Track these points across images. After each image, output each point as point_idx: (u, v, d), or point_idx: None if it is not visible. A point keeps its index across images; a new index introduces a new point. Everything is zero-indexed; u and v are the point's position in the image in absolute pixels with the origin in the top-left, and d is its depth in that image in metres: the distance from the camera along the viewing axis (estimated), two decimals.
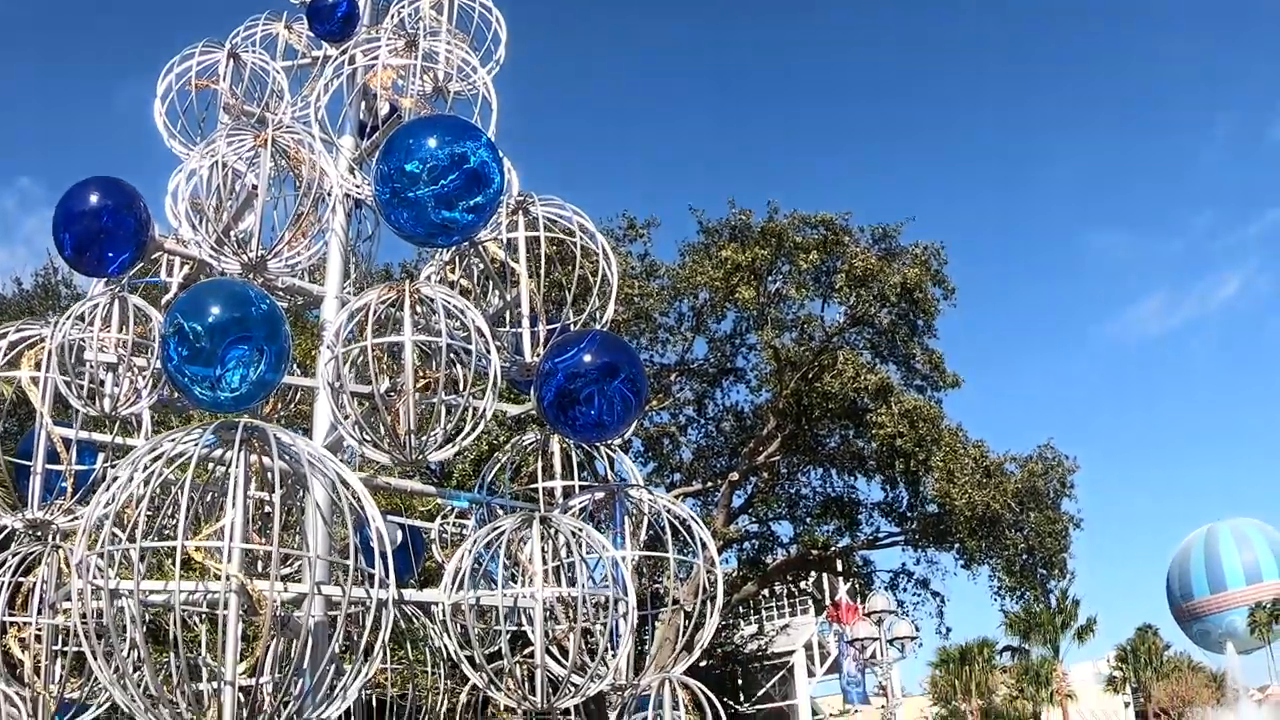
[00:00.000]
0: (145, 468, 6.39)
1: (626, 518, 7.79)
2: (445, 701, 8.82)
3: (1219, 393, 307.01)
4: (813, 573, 44.03)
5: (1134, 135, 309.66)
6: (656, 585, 7.67)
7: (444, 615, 6.67)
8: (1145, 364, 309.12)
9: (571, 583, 6.50)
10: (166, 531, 7.14)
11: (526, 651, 6.82)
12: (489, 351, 7.24)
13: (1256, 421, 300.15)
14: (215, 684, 6.36)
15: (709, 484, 34.37)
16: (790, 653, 62.27)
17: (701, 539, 7.06)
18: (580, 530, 6.52)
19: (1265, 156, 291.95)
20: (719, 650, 47.80)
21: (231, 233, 8.86)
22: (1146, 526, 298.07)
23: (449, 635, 6.67)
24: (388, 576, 6.33)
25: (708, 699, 6.68)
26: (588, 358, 7.57)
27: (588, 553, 6.53)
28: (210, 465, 6.96)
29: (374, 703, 8.99)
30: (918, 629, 32.93)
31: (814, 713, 73.01)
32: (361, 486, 6.48)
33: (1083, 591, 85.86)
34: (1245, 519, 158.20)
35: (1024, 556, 32.04)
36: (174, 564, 6.04)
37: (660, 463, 34.65)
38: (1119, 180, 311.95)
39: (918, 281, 30.55)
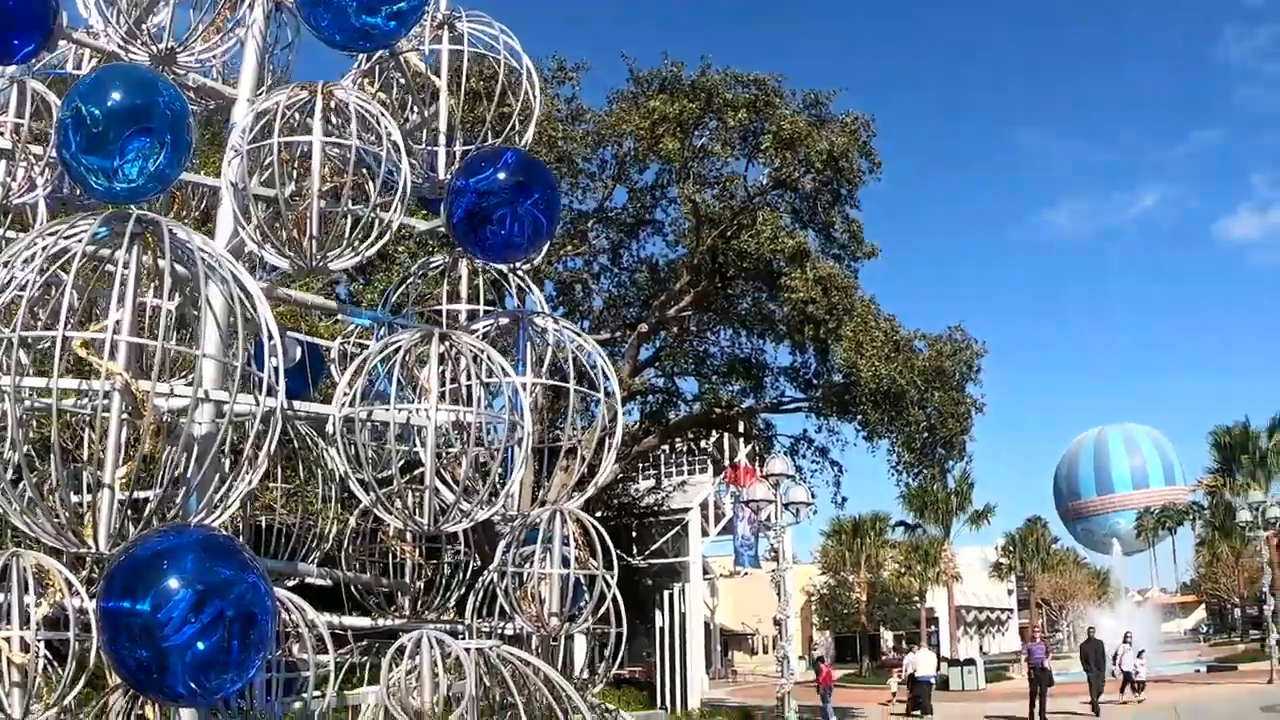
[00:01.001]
0: (29, 258, 6.06)
1: (530, 347, 7.60)
2: (335, 525, 8.65)
3: (1126, 302, 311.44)
4: (714, 432, 44.18)
5: (1075, 42, 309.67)
6: (557, 431, 7.49)
7: (335, 431, 6.44)
8: (1058, 265, 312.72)
9: (469, 404, 6.32)
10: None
11: (416, 473, 6.65)
12: (400, 161, 6.94)
13: (1158, 334, 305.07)
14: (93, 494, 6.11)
15: (618, 334, 34.21)
16: (686, 510, 62.65)
17: (604, 369, 6.87)
18: (482, 351, 6.31)
19: (1203, 78, 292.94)
20: (615, 501, 48.07)
21: (143, 25, 8.44)
22: (1040, 423, 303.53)
23: (339, 453, 6.46)
24: (278, 383, 6.09)
25: (598, 533, 6.52)
26: (501, 176, 7.31)
27: (488, 376, 6.34)
28: (100, 263, 6.63)
29: (264, 528, 8.78)
30: (814, 496, 33.21)
31: (705, 572, 73.84)
32: (257, 289, 6.21)
33: (978, 477, 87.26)
34: (1136, 425, 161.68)
35: (925, 435, 32.22)
36: (56, 362, 5.71)
37: (571, 309, 34.43)
38: (1055, 83, 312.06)
39: (845, 150, 30.25)
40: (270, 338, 6.02)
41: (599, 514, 45.33)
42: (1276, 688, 34.89)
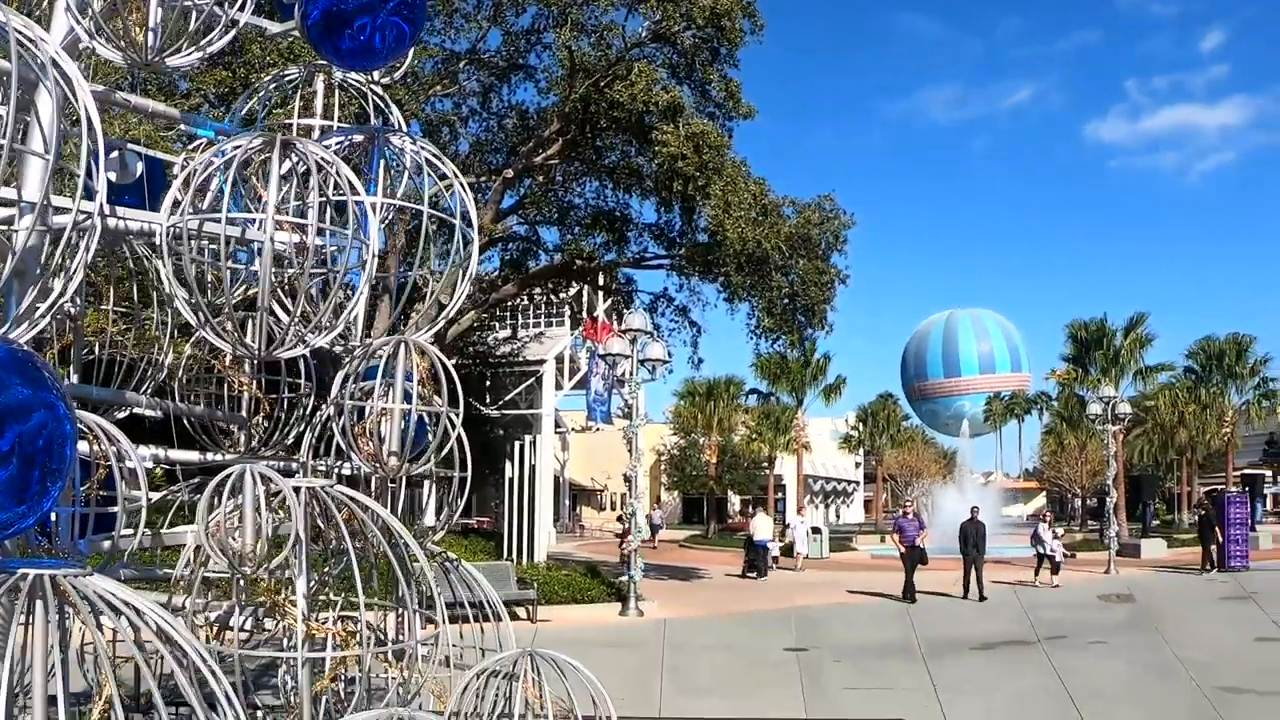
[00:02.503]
0: None
1: (384, 167, 7.03)
2: (170, 354, 8.05)
3: (989, 191, 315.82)
4: (574, 284, 43.85)
5: None
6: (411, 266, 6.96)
7: (162, 244, 5.85)
8: (925, 149, 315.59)
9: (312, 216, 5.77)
10: None
11: (250, 293, 6.10)
12: None
13: (1014, 224, 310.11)
14: None
15: (482, 179, 33.50)
16: (541, 362, 62.46)
17: (461, 194, 6.34)
18: (330, 163, 5.75)
19: None
20: (470, 350, 47.63)
21: None
22: (896, 302, 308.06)
23: (166, 270, 5.87)
24: (97, 184, 5.49)
25: (444, 367, 6.03)
26: None
27: (335, 192, 5.79)
28: None
29: (101, 360, 8.15)
30: (670, 355, 32.98)
31: (557, 425, 73.88)
32: (86, 85, 5.56)
33: (834, 349, 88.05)
34: (986, 310, 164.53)
35: (786, 301, 32.07)
36: None
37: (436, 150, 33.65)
38: None
39: (728, 9, 29.61)
40: (94, 133, 5.40)
41: (453, 360, 44.83)
42: (1112, 578, 35.66)
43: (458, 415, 6.07)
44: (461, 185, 6.39)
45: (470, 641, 6.61)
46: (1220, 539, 37.70)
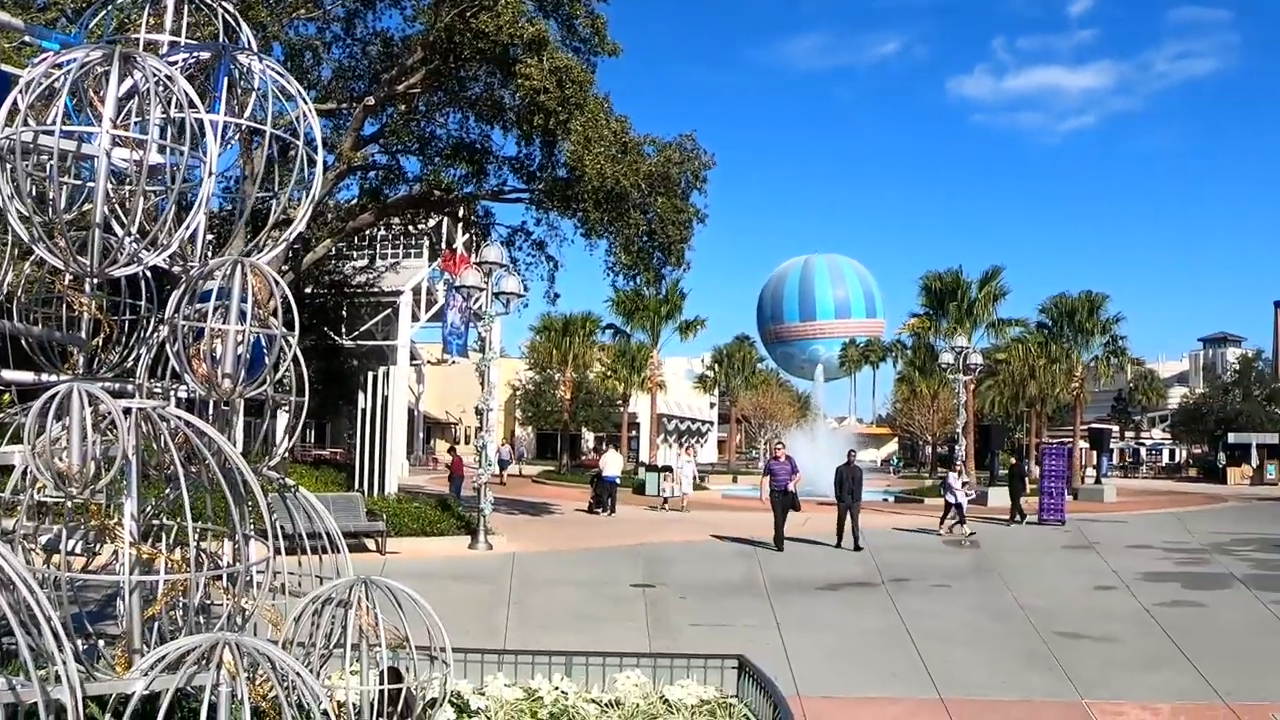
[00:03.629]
0: None
1: (230, 86, 6.85)
2: (9, 273, 7.81)
3: (851, 140, 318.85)
4: (433, 216, 43.47)
5: None
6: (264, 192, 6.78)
7: None
8: (790, 95, 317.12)
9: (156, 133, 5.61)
10: None
11: (85, 209, 5.93)
12: None
13: (875, 174, 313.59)
14: None
15: (343, 105, 32.99)
16: (398, 293, 62.04)
17: (306, 116, 6.20)
18: (171, 78, 5.59)
19: None
20: (326, 278, 47.07)
21: None
22: (755, 244, 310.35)
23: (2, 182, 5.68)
24: None
25: (282, 290, 5.91)
26: None
27: (175, 105, 5.64)
28: None
29: None
30: (526, 289, 32.91)
31: (413, 357, 73.52)
32: None
33: (691, 289, 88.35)
34: (842, 256, 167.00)
35: (644, 239, 32.09)
36: None
37: (299, 76, 33.02)
38: None
39: None
40: None
41: (308, 289, 44.33)
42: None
43: (293, 337, 5.97)
44: (307, 105, 6.24)
45: (310, 571, 6.55)
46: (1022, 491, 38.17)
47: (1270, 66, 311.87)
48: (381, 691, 5.98)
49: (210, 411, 6.36)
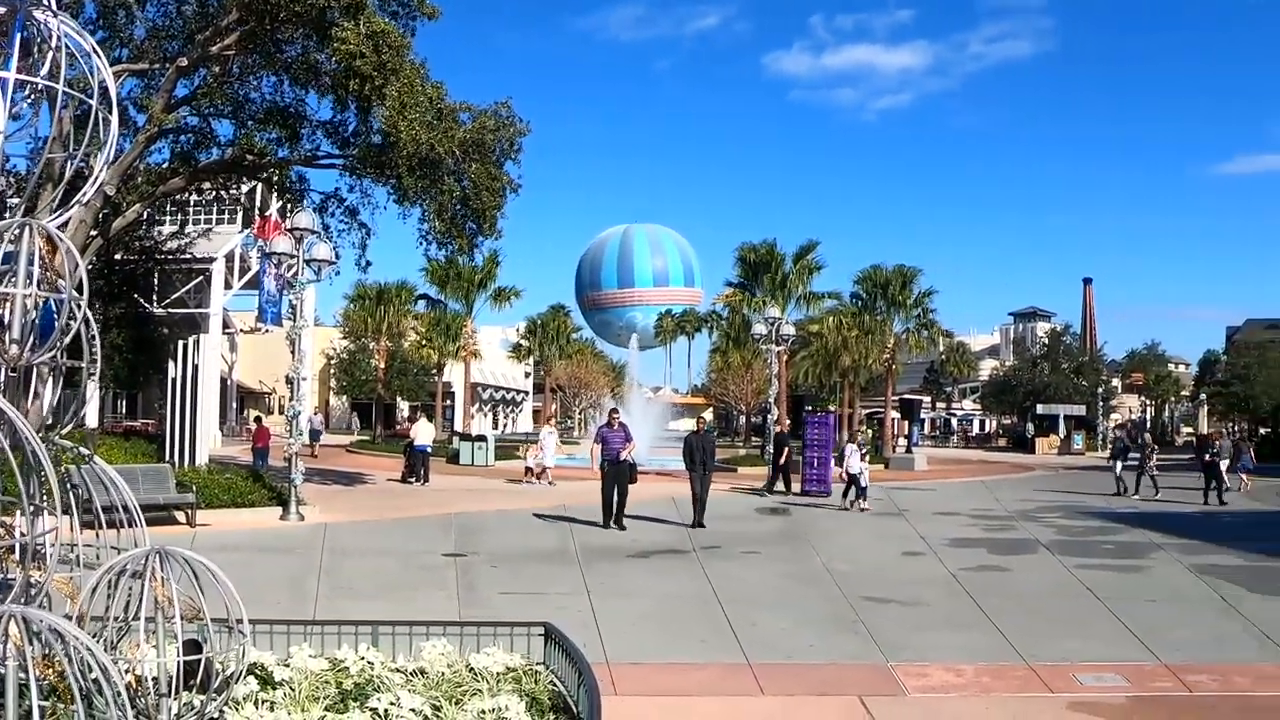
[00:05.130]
0: None
1: (23, 41, 6.63)
2: None
3: (668, 113, 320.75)
4: (246, 181, 42.67)
5: None
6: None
7: None
8: (607, 66, 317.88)
9: None
10: None
11: None
12: None
13: (694, 146, 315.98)
14: None
15: (156, 66, 32.14)
16: (210, 260, 60.82)
17: (101, 73, 6.03)
18: None
19: None
20: (137, 245, 45.89)
21: None
22: (573, 215, 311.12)
23: None
24: None
25: (72, 253, 5.75)
26: None
27: None
28: None
29: None
30: (338, 256, 32.55)
31: (226, 325, 72.23)
32: None
33: (510, 259, 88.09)
34: (662, 227, 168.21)
35: (458, 206, 31.89)
36: None
37: (111, 34, 32.18)
38: None
39: None
40: None
41: (118, 256, 43.23)
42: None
43: (82, 299, 5.80)
44: (102, 62, 6.07)
45: (108, 544, 6.40)
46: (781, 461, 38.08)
47: (1082, 50, 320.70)
48: (179, 664, 5.88)
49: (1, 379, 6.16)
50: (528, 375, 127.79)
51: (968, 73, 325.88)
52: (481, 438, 53.47)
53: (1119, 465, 39.95)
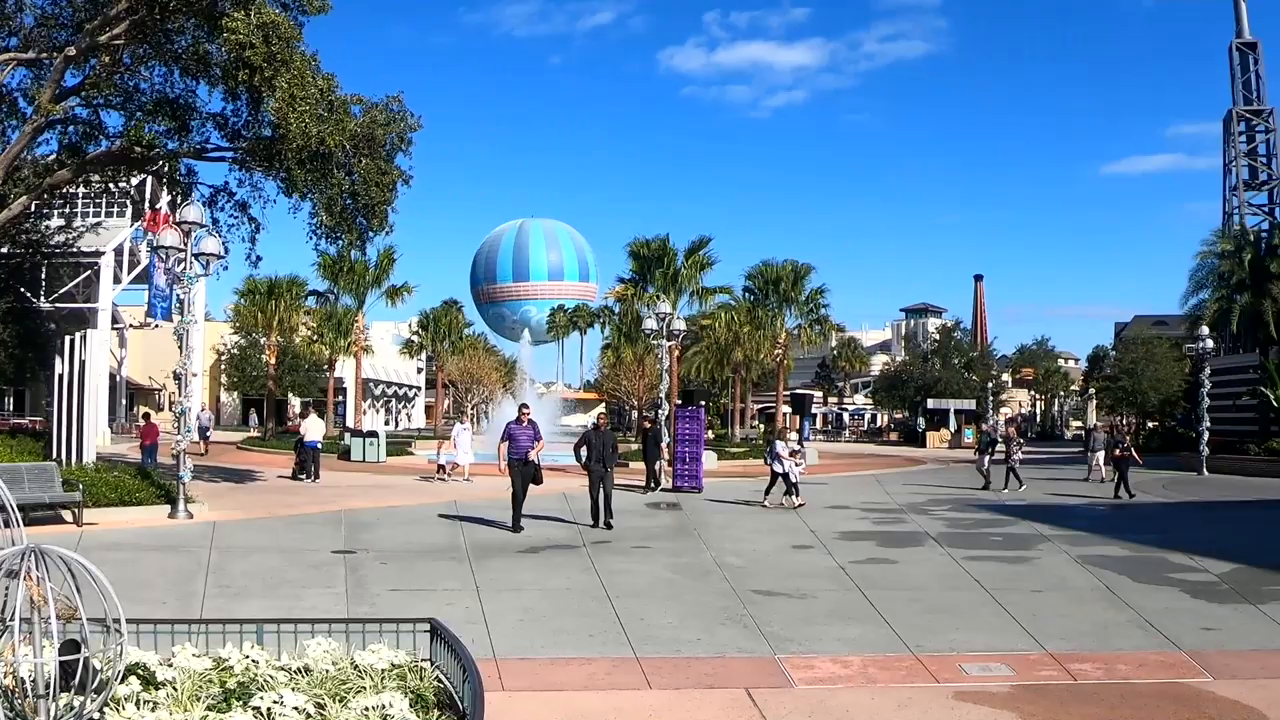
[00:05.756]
0: None
1: None
2: None
3: (563, 108, 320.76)
4: (135, 175, 42.06)
5: None
6: None
7: None
8: (501, 62, 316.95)
9: None
10: None
11: None
12: None
13: (589, 142, 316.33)
14: None
15: (44, 55, 31.64)
16: (99, 254, 59.98)
17: None
18: None
19: None
20: (23, 238, 45.16)
21: None
22: (467, 210, 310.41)
23: None
24: None
25: None
26: None
27: None
28: None
29: None
30: (227, 250, 32.20)
31: (115, 320, 71.30)
32: None
33: (404, 254, 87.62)
34: (557, 221, 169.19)
35: (348, 200, 31.67)
36: None
37: (0, 22, 31.73)
38: None
39: None
40: None
41: (4, 250, 42.51)
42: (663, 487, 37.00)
43: None
44: None
45: None
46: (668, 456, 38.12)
47: (976, 50, 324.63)
48: (57, 665, 5.83)
49: None
50: (420, 371, 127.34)
51: (862, 71, 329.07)
52: (373, 434, 53.17)
53: (985, 459, 40.44)
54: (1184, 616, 16.35)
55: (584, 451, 26.49)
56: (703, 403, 44.03)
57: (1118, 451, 37.28)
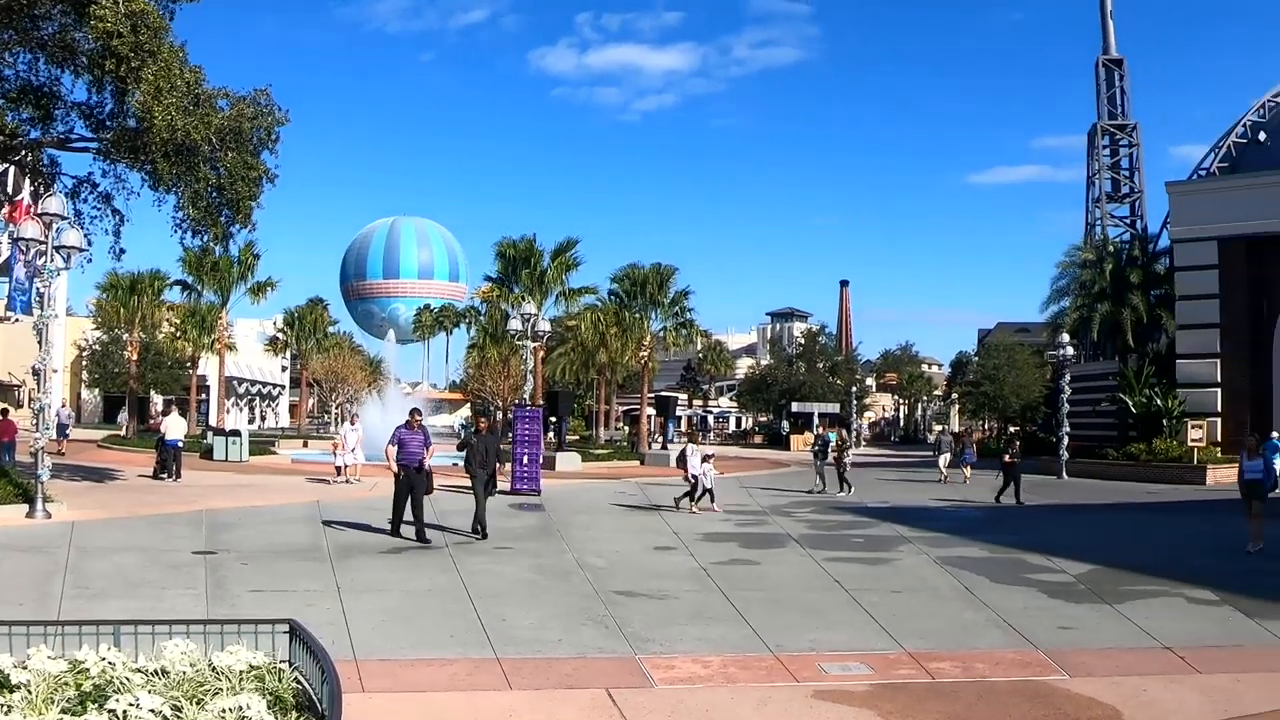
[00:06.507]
0: None
1: None
2: None
3: (434, 107, 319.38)
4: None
5: None
6: None
7: None
8: (375, 57, 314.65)
9: None
10: None
11: None
12: None
13: (460, 141, 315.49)
14: None
15: None
16: None
17: None
18: None
19: None
20: None
21: None
22: (336, 209, 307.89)
23: None
24: None
25: None
26: None
27: None
28: None
29: None
30: (90, 243, 31.67)
31: None
32: None
33: (271, 251, 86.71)
34: (430, 220, 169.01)
35: (213, 194, 31.29)
36: None
37: None
38: None
39: None
40: None
41: None
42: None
43: None
44: None
45: None
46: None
47: (847, 58, 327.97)
48: None
49: None
50: (284, 369, 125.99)
51: (733, 76, 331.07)
52: (236, 433, 52.43)
53: (819, 462, 40.87)
54: (1041, 616, 16.82)
55: (468, 455, 26.03)
56: (531, 407, 43.83)
57: (1006, 458, 37.72)
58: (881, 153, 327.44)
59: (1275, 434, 42.92)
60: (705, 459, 31.97)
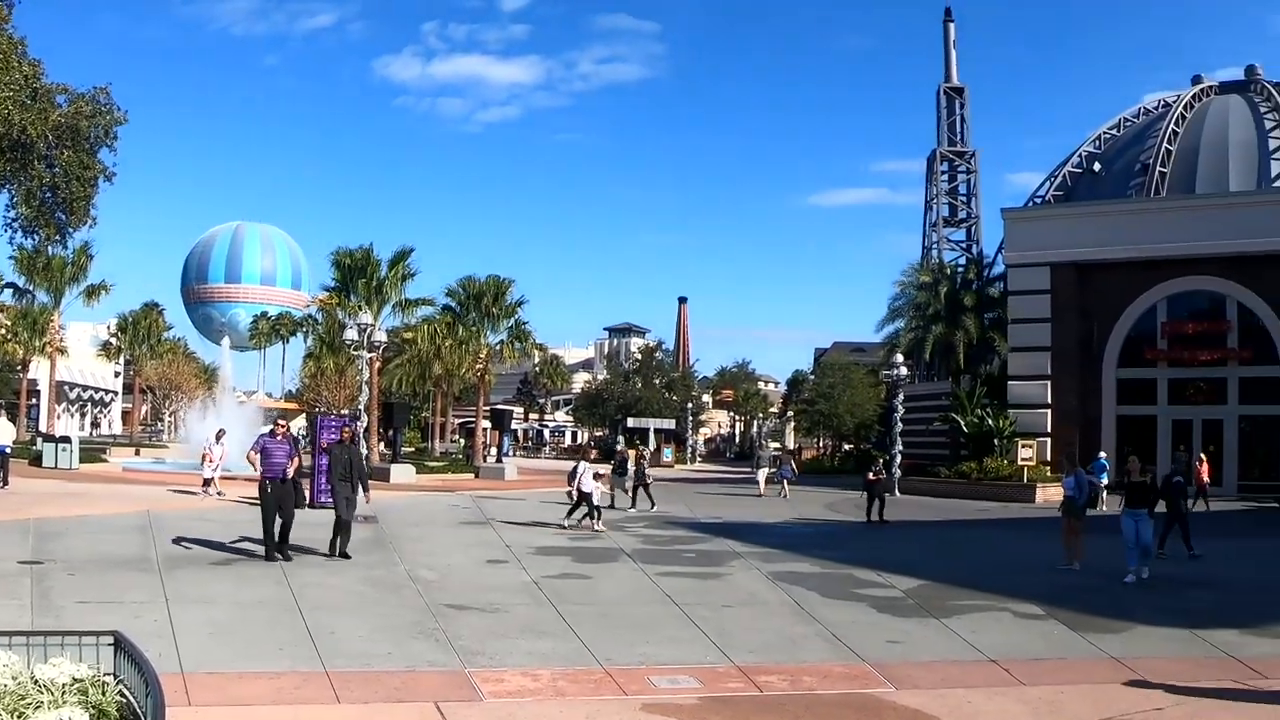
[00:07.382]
0: None
1: None
2: None
3: (279, 109, 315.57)
4: None
5: None
6: None
7: None
8: (218, 58, 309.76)
9: None
10: None
11: None
12: None
13: (302, 143, 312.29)
14: None
15: None
16: None
17: None
18: None
19: None
20: None
21: None
22: (177, 212, 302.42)
23: None
24: None
25: None
26: None
27: None
28: None
29: None
30: None
31: None
32: None
33: (108, 253, 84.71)
34: (274, 227, 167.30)
35: (48, 194, 30.73)
36: None
37: None
38: None
39: None
40: None
41: None
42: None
43: None
44: None
45: None
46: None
47: (691, 77, 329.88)
48: None
49: None
50: (118, 375, 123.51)
51: (577, 91, 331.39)
52: (66, 439, 51.33)
53: (619, 478, 41.02)
54: (870, 630, 17.17)
55: (329, 466, 24.97)
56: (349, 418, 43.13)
57: (871, 475, 37.98)
58: (723, 172, 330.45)
59: (1103, 454, 44.32)
60: (596, 476, 31.93)
